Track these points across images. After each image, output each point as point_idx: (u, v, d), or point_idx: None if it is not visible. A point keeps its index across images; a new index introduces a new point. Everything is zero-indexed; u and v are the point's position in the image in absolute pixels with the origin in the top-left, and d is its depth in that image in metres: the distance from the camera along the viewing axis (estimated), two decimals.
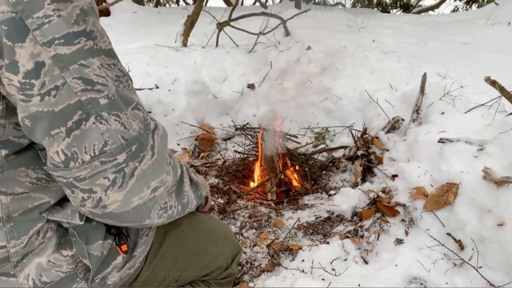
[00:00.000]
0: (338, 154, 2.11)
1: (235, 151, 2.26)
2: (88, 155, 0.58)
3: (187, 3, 7.62)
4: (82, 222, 0.71)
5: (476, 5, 7.30)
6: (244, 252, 1.45)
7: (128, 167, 0.61)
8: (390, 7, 7.87)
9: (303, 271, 1.31)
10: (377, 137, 1.88)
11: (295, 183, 1.92)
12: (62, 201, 0.71)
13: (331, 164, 2.07)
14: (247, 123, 2.51)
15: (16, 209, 0.64)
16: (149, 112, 2.27)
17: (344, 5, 7.17)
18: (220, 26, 3.30)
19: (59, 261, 0.70)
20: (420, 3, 7.96)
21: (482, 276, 1.18)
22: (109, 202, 0.63)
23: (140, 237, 0.84)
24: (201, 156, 2.29)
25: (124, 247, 0.77)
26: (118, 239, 0.77)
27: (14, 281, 0.67)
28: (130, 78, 0.68)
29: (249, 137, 2.35)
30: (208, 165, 2.19)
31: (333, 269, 1.29)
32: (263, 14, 3.56)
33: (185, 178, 0.79)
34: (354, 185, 1.79)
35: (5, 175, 0.61)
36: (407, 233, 1.39)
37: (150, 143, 0.65)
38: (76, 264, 0.73)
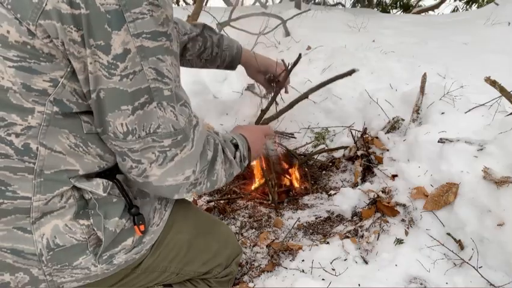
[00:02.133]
0: (338, 154, 2.10)
1: None
2: (144, 132, 0.70)
3: (187, 3, 7.61)
4: (104, 194, 0.77)
5: (476, 5, 7.30)
6: (244, 253, 1.45)
7: (171, 152, 0.74)
8: (390, 7, 7.86)
9: (303, 271, 1.31)
10: (377, 137, 1.88)
11: (295, 183, 1.92)
12: (89, 175, 0.78)
13: (331, 164, 2.07)
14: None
15: (50, 166, 0.71)
16: None
17: (344, 5, 7.15)
18: (220, 26, 3.30)
19: (75, 228, 0.76)
20: (420, 3, 7.96)
21: (482, 276, 1.18)
22: (151, 174, 0.75)
23: (151, 225, 0.88)
24: None
25: (142, 227, 0.83)
26: (137, 219, 0.82)
27: (29, 237, 0.72)
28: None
29: None
30: None
31: (333, 269, 1.30)
32: (263, 14, 3.56)
33: (218, 157, 0.88)
34: (354, 185, 1.79)
35: (49, 130, 0.68)
36: (407, 233, 1.39)
37: (191, 136, 0.77)
38: (89, 236, 0.77)
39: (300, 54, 1.77)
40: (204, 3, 4.72)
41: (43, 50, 0.63)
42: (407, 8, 7.63)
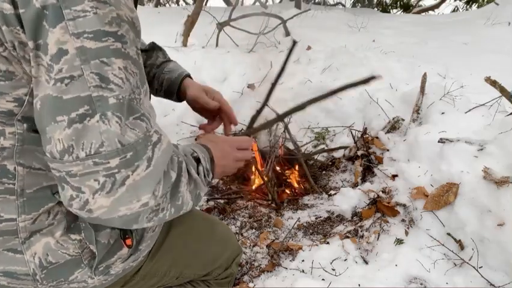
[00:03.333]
0: (338, 154, 2.10)
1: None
2: (83, 152, 0.58)
3: (187, 3, 7.62)
4: None
5: (476, 5, 7.30)
6: (244, 253, 1.45)
7: (120, 174, 0.60)
8: (390, 7, 7.87)
9: (303, 271, 1.31)
10: (377, 137, 1.88)
11: (294, 183, 1.92)
12: None
13: (331, 164, 2.07)
14: (242, 129, 2.49)
15: (30, 185, 0.67)
16: None
17: (344, 5, 7.16)
18: (220, 26, 3.31)
19: (67, 244, 0.73)
20: (420, 3, 7.95)
21: (482, 276, 1.18)
22: (95, 207, 0.61)
23: (147, 231, 0.85)
24: None
25: (128, 241, 0.79)
26: (123, 233, 0.79)
27: (21, 258, 0.70)
28: (148, 92, 0.69)
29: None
30: None
31: (333, 269, 1.29)
32: (263, 14, 3.56)
33: (183, 178, 0.73)
34: (354, 185, 1.79)
35: (24, 148, 0.64)
36: (407, 233, 1.39)
37: (148, 154, 0.63)
38: (82, 250, 0.74)
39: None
40: (204, 3, 4.72)
41: (0, 68, 0.58)
42: (407, 8, 7.63)
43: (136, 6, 0.69)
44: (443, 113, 1.72)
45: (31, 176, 0.66)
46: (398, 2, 7.71)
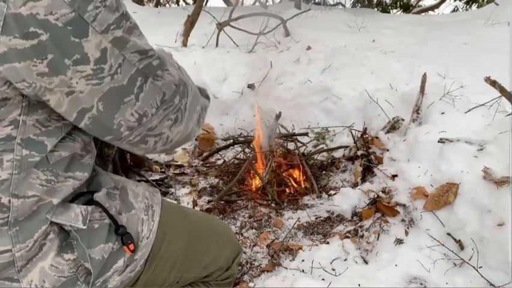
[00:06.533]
0: (338, 154, 2.11)
1: (235, 158, 2.23)
2: (153, 108, 0.69)
3: (187, 3, 7.62)
4: (84, 227, 0.72)
5: (476, 5, 7.29)
6: (244, 252, 1.45)
7: (182, 104, 0.75)
8: (390, 7, 7.86)
9: (303, 271, 1.31)
10: (377, 137, 1.88)
11: (294, 183, 1.92)
12: (65, 204, 0.72)
13: (331, 164, 2.07)
14: (241, 133, 2.48)
15: (23, 213, 0.66)
16: None
17: (344, 5, 7.14)
18: (220, 26, 3.31)
19: (61, 266, 0.72)
20: (420, 3, 7.95)
21: (482, 276, 1.18)
22: (173, 135, 0.76)
23: (141, 240, 0.84)
24: (202, 157, 2.29)
25: (132, 246, 0.79)
26: (125, 239, 0.78)
27: (17, 287, 0.68)
28: None
29: (245, 145, 2.28)
30: (208, 165, 2.19)
31: (333, 269, 1.30)
32: (263, 14, 3.56)
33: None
34: (354, 185, 1.79)
35: (21, 176, 0.64)
36: (407, 233, 1.39)
37: (185, 80, 0.78)
38: (77, 268, 0.73)
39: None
40: (204, 3, 4.72)
41: None
42: (407, 8, 7.62)
43: None
44: (443, 113, 1.72)
45: (25, 205, 0.66)
46: (398, 2, 7.70)
